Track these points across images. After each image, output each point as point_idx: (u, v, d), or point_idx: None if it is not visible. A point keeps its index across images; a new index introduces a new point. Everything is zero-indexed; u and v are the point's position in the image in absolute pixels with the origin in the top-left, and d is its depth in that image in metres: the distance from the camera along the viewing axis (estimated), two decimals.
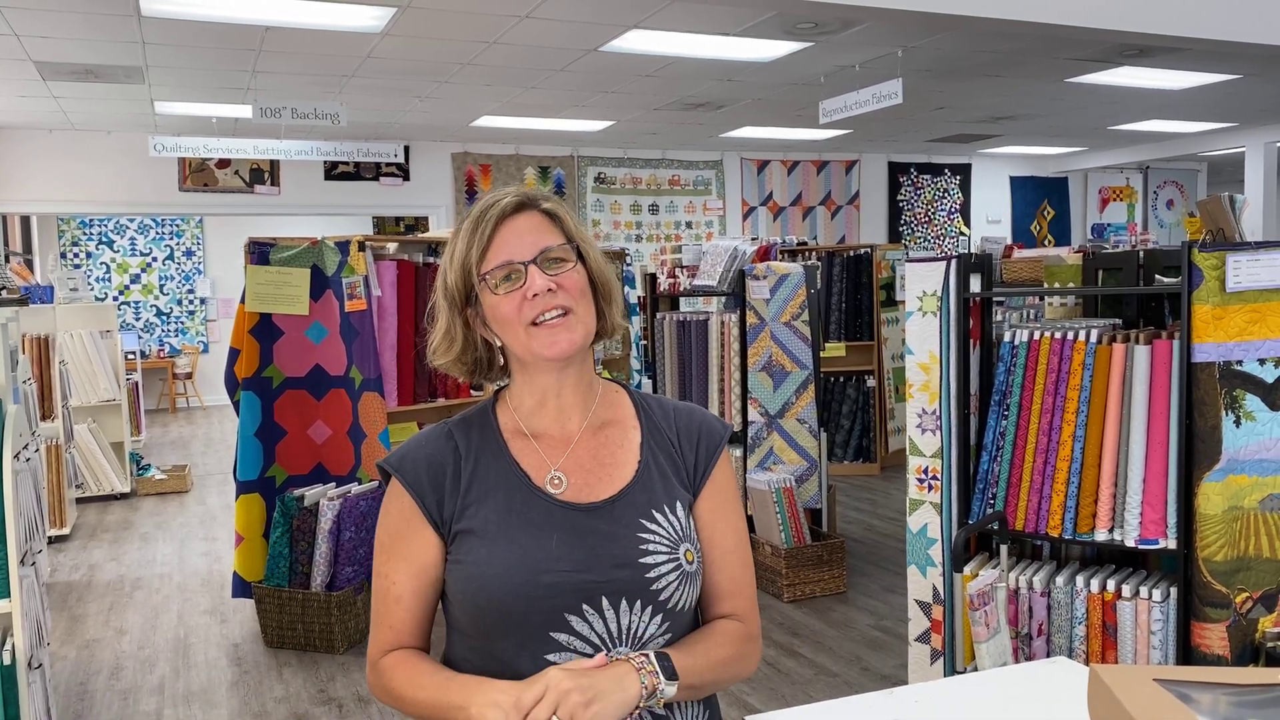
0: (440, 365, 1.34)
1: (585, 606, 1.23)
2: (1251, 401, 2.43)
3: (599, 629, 1.24)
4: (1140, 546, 2.55)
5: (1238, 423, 2.43)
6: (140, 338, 13.09)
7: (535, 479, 1.29)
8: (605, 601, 1.24)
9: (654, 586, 1.25)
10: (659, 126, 9.97)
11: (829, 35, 6.51)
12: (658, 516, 1.29)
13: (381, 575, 1.31)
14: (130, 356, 9.86)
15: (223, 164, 9.93)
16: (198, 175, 9.88)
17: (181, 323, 13.60)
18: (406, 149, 10.38)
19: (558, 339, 1.25)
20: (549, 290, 1.24)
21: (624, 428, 1.36)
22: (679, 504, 1.32)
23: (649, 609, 1.25)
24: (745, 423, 5.11)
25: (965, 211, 13.04)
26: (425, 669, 1.27)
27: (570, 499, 1.28)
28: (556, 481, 1.29)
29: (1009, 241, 10.73)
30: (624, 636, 1.25)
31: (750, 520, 5.09)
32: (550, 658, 1.23)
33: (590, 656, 1.23)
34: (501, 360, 1.34)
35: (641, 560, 1.26)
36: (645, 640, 1.26)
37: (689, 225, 11.68)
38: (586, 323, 1.28)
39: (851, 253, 7.98)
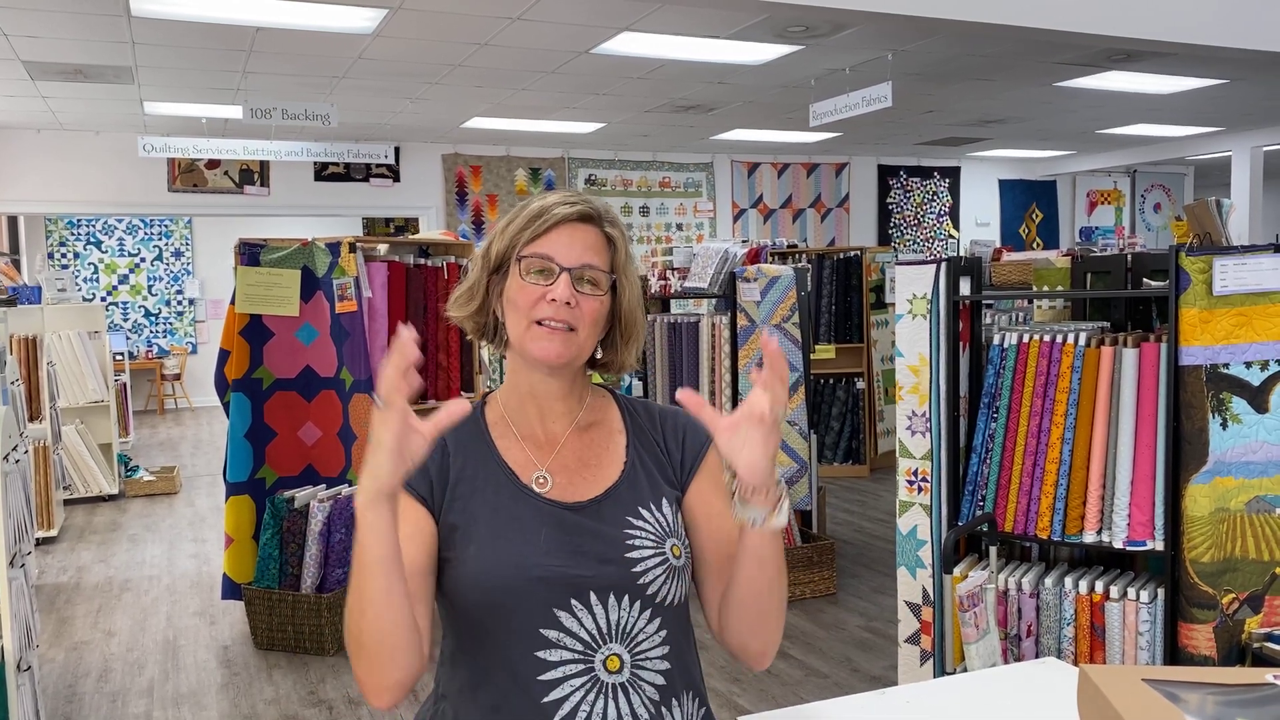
0: (454, 317, 1.37)
1: (574, 602, 1.24)
2: (1238, 404, 2.45)
3: (589, 625, 1.25)
4: (1128, 548, 2.57)
5: (1224, 425, 2.45)
6: (128, 339, 13.03)
7: (522, 477, 1.31)
8: (594, 597, 1.25)
9: (641, 581, 1.27)
10: (650, 129, 9.98)
11: (819, 39, 6.53)
12: (644, 513, 1.31)
13: None
14: (118, 357, 9.82)
15: (212, 164, 9.90)
16: (187, 176, 9.85)
17: (170, 324, 13.55)
18: (397, 150, 10.36)
19: (550, 345, 1.27)
20: (566, 304, 1.26)
21: (610, 430, 1.38)
22: (665, 500, 1.34)
23: (637, 604, 1.27)
24: None
25: (954, 214, 13.09)
26: None
27: (556, 497, 1.30)
28: (542, 480, 1.31)
29: (998, 244, 10.79)
30: (615, 633, 1.26)
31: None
32: (541, 654, 1.24)
33: (581, 654, 1.24)
34: (507, 336, 1.36)
35: (628, 555, 1.27)
36: (637, 638, 1.27)
37: (680, 227, 11.69)
38: (584, 348, 1.30)
39: (841, 255, 8.00)
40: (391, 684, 1.17)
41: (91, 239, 13.11)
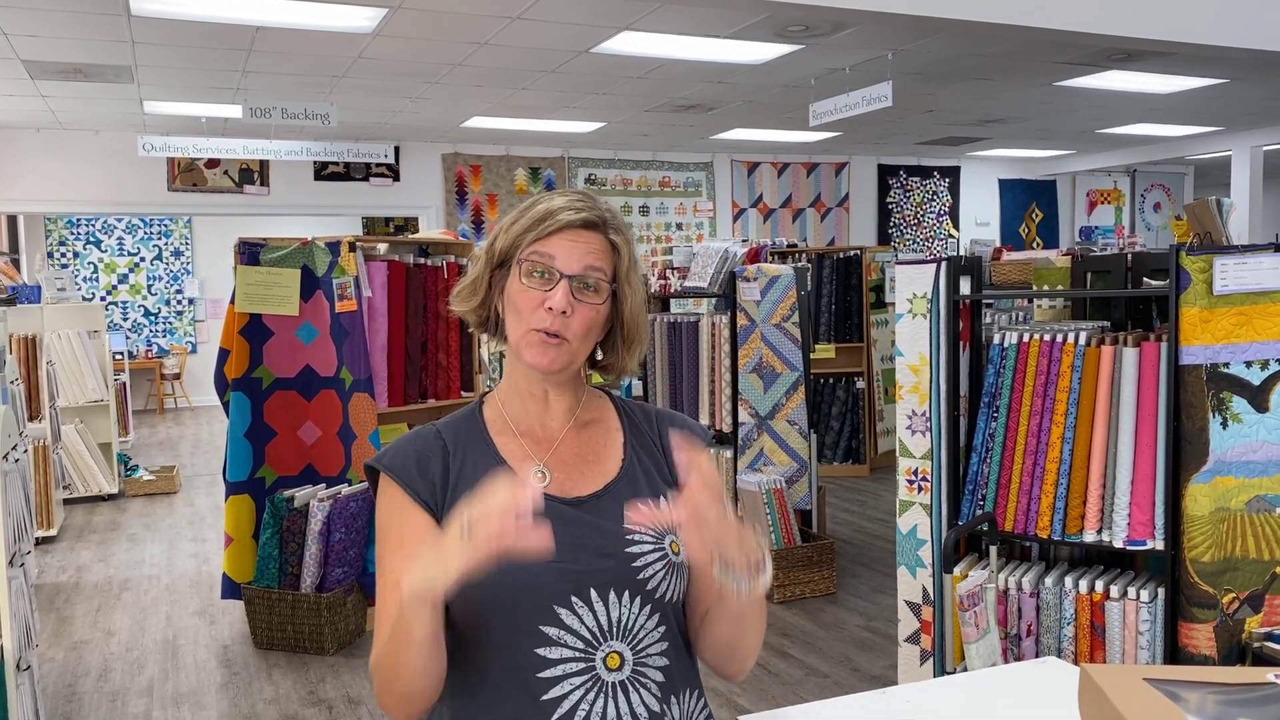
0: (457, 310, 1.38)
1: (574, 598, 1.24)
2: (1238, 404, 2.45)
3: (589, 622, 1.25)
4: (1128, 548, 2.57)
5: (1225, 425, 2.45)
6: (128, 338, 13.03)
7: (520, 472, 1.32)
8: (594, 593, 1.25)
9: (640, 576, 1.27)
10: (650, 128, 9.98)
11: (819, 38, 6.52)
12: (643, 509, 1.31)
13: (381, 574, 1.29)
14: (118, 357, 9.81)
15: (212, 164, 9.90)
16: (187, 175, 9.85)
17: (169, 323, 13.54)
18: (397, 149, 10.36)
19: (545, 353, 1.28)
20: (563, 313, 1.26)
21: (607, 428, 1.39)
22: (664, 499, 1.34)
23: (638, 599, 1.27)
24: (735, 424, 5.12)
25: (954, 214, 13.09)
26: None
27: (555, 492, 1.31)
28: (540, 475, 1.32)
29: (997, 244, 10.78)
30: (615, 630, 1.26)
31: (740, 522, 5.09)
32: (540, 652, 1.23)
33: (582, 652, 1.24)
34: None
35: (628, 550, 1.27)
36: (639, 634, 1.27)
37: (679, 227, 11.69)
38: (578, 355, 1.30)
39: (841, 255, 8.00)
40: (417, 712, 1.26)
41: (91, 238, 13.10)
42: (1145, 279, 2.78)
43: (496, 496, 1.07)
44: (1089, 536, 2.61)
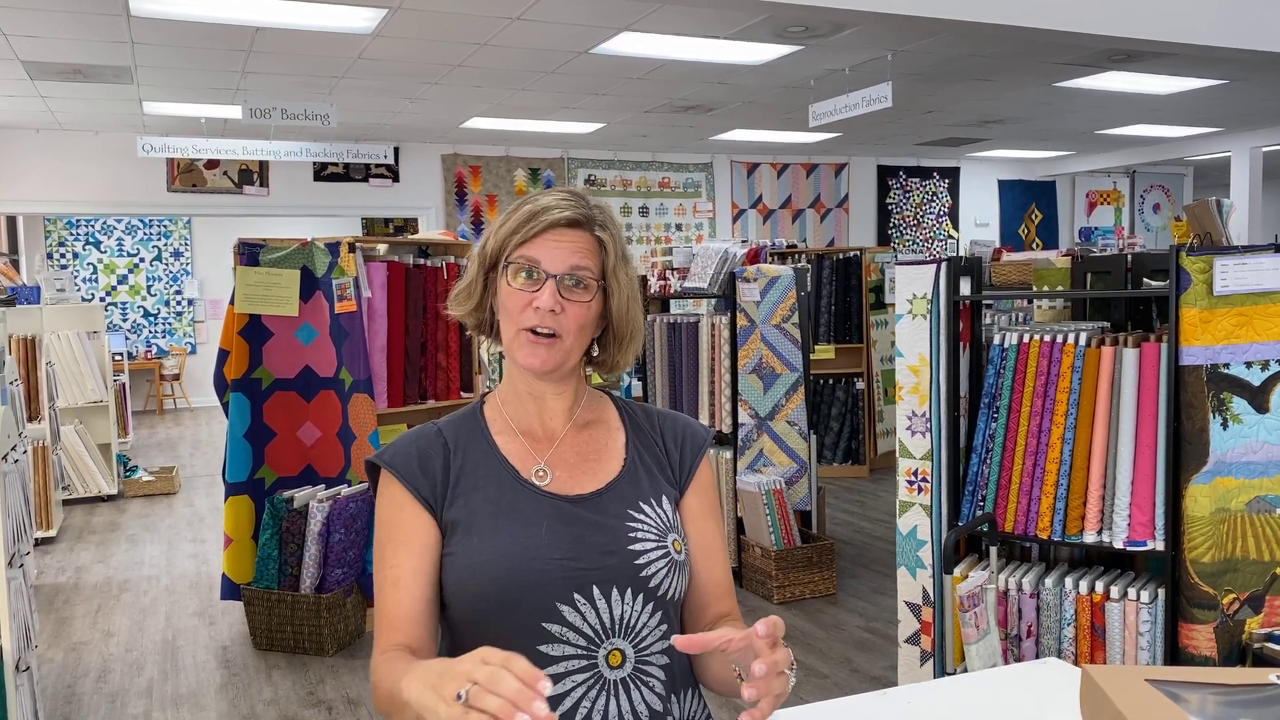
0: (455, 314, 1.38)
1: (576, 595, 1.25)
2: (1238, 404, 2.45)
3: (591, 620, 1.25)
4: (1128, 548, 2.57)
5: (1225, 425, 2.45)
6: (127, 339, 13.02)
7: (521, 471, 1.32)
8: (596, 590, 1.25)
9: (644, 574, 1.27)
10: (649, 129, 9.98)
11: (819, 39, 6.52)
12: (645, 508, 1.32)
13: (379, 570, 1.29)
14: (117, 357, 9.81)
15: (211, 165, 9.89)
16: (186, 176, 9.84)
17: (169, 324, 13.54)
18: (396, 150, 10.36)
19: (535, 354, 1.28)
20: (551, 311, 1.27)
21: (609, 428, 1.39)
22: (665, 498, 1.35)
23: (640, 597, 1.27)
24: (735, 425, 5.11)
25: (954, 215, 13.09)
26: (402, 662, 1.16)
27: (556, 490, 1.31)
28: (541, 474, 1.32)
29: (997, 244, 10.78)
30: (617, 627, 1.26)
31: (740, 522, 5.10)
32: (543, 649, 1.23)
33: (584, 649, 1.24)
34: None
35: (630, 548, 1.27)
36: (640, 631, 1.27)
37: (679, 228, 11.68)
38: (570, 353, 1.30)
39: (841, 255, 8.00)
40: None
41: (90, 239, 13.10)
42: (1145, 280, 2.78)
43: (507, 682, 0.91)
44: (1089, 537, 2.61)
